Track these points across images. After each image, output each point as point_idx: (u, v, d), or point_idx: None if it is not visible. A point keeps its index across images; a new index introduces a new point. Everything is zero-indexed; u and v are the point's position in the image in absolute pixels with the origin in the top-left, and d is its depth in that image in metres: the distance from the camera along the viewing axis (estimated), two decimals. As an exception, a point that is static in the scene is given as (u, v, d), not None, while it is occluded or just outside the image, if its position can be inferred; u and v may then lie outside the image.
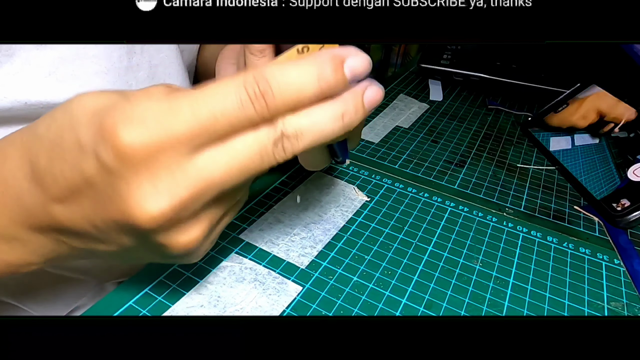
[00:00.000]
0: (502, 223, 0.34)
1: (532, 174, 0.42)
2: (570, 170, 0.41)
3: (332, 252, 0.29)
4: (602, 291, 0.28)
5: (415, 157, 0.42)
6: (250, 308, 0.25)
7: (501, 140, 0.47)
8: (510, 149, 0.46)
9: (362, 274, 0.28)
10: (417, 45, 1.58)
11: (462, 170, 0.41)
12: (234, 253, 0.29)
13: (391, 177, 0.38)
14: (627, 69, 0.45)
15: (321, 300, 0.26)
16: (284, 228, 0.31)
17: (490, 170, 0.41)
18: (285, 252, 0.29)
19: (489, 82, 0.56)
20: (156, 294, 0.25)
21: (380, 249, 0.30)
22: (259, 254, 0.29)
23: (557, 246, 0.32)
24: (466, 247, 0.31)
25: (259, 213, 0.32)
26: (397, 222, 0.33)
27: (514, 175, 0.41)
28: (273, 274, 0.27)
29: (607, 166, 0.39)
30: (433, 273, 0.29)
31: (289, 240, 0.30)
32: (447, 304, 0.26)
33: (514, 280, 0.29)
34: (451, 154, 0.44)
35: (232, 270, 0.27)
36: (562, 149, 0.44)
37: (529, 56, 0.57)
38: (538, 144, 0.46)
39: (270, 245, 0.29)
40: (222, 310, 0.25)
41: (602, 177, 0.38)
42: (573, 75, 0.50)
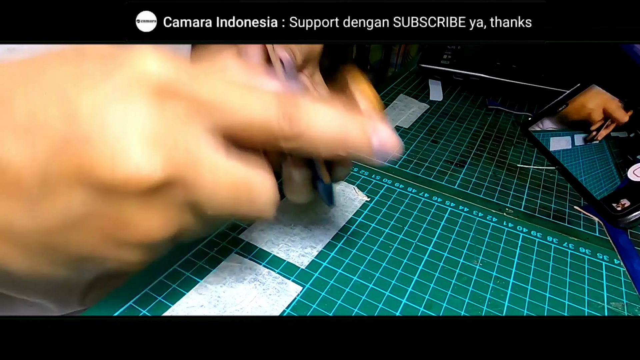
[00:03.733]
0: (502, 223, 0.34)
1: (532, 174, 0.42)
2: (570, 170, 0.41)
3: (332, 252, 0.29)
4: (602, 291, 0.28)
5: (415, 157, 0.42)
6: (250, 308, 0.25)
7: (501, 140, 0.47)
8: (510, 149, 0.46)
9: (362, 274, 0.28)
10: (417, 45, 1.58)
11: (462, 170, 0.41)
12: (234, 253, 0.29)
13: (391, 177, 0.38)
14: (627, 69, 0.45)
15: (321, 300, 0.26)
16: (284, 228, 0.31)
17: (490, 170, 0.41)
18: (285, 252, 0.29)
19: (489, 82, 0.56)
20: (156, 294, 0.25)
21: (380, 249, 0.30)
22: (259, 254, 0.29)
23: (557, 246, 0.32)
24: (466, 247, 0.31)
25: (259, 213, 0.32)
26: (397, 222, 0.33)
27: (514, 175, 0.41)
28: (273, 274, 0.27)
29: (607, 166, 0.39)
30: (433, 273, 0.29)
31: (289, 240, 0.30)
32: (447, 304, 0.26)
33: (514, 280, 0.29)
34: (451, 154, 0.44)
35: (232, 270, 0.27)
36: (562, 149, 0.44)
37: (529, 56, 0.57)
38: (538, 144, 0.46)
39: (270, 245, 0.29)
40: (222, 310, 0.25)
41: (602, 177, 0.38)
42: (573, 75, 0.50)
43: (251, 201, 0.17)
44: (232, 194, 0.16)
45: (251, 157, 0.17)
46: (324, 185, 0.24)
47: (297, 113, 0.17)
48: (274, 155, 0.22)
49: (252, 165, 0.17)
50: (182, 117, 0.15)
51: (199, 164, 0.15)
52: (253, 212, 0.17)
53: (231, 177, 0.16)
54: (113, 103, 0.14)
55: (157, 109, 0.15)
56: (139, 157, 0.14)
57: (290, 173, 0.24)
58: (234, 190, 0.16)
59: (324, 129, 0.18)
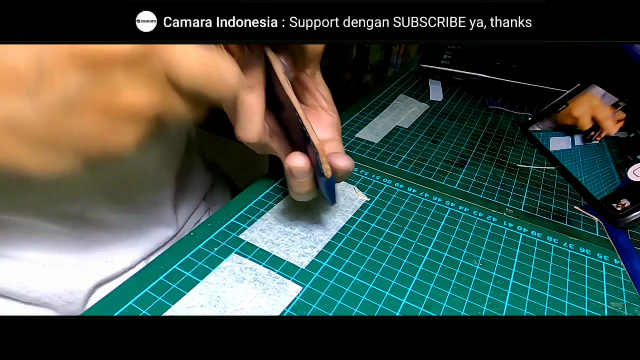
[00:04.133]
0: (502, 223, 0.34)
1: (532, 174, 0.42)
2: (570, 170, 0.41)
3: (332, 252, 0.29)
4: (602, 291, 0.28)
5: (415, 157, 0.42)
6: (250, 308, 0.25)
7: (501, 140, 0.47)
8: (510, 149, 0.46)
9: (362, 274, 0.28)
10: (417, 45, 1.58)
11: (462, 170, 0.41)
12: (234, 253, 0.29)
13: (391, 177, 0.38)
14: (627, 69, 0.45)
15: (321, 300, 0.26)
16: (284, 228, 0.31)
17: (490, 170, 0.41)
18: (285, 252, 0.29)
19: (489, 82, 0.56)
20: (156, 294, 0.25)
21: (380, 249, 0.30)
22: (259, 254, 0.29)
23: (557, 246, 0.32)
24: (466, 247, 0.31)
25: (259, 213, 0.32)
26: (397, 222, 0.33)
27: (514, 175, 0.41)
28: (273, 274, 0.27)
29: (607, 166, 0.39)
30: (433, 273, 0.29)
31: (289, 240, 0.30)
32: (447, 304, 0.26)
33: (514, 280, 0.29)
34: (451, 154, 0.44)
35: (232, 270, 0.27)
36: (562, 149, 0.44)
37: (529, 56, 0.57)
38: (538, 144, 0.46)
39: (270, 245, 0.29)
40: (222, 310, 0.25)
41: (602, 177, 0.38)
42: (573, 75, 0.50)
43: (220, 75, 0.18)
44: (202, 69, 0.18)
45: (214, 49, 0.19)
46: (326, 180, 0.24)
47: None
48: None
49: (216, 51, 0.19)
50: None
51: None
52: (222, 86, 0.19)
53: (200, 53, 0.18)
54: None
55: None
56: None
57: (291, 170, 0.25)
58: (203, 65, 0.18)
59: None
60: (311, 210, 0.33)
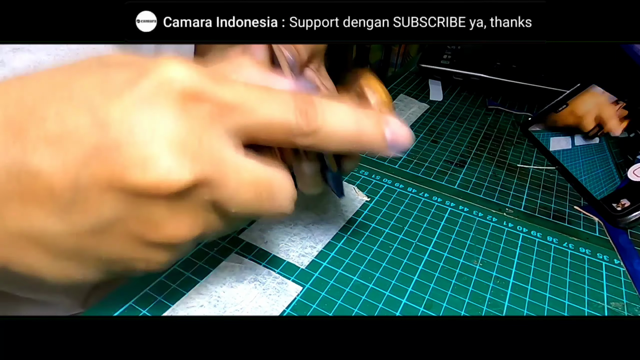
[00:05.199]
0: (502, 223, 0.34)
1: (532, 174, 0.42)
2: (570, 170, 0.41)
3: (332, 252, 0.29)
4: (602, 291, 0.28)
5: (415, 157, 0.42)
6: (250, 308, 0.25)
7: (501, 140, 0.47)
8: (510, 149, 0.46)
9: (362, 274, 0.28)
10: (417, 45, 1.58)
11: (462, 170, 0.41)
12: (234, 253, 0.29)
13: (391, 177, 0.38)
14: (627, 69, 0.45)
15: (321, 300, 0.26)
16: (284, 228, 0.31)
17: (490, 170, 0.41)
18: (285, 252, 0.29)
19: (489, 82, 0.56)
20: (156, 294, 0.25)
21: (380, 249, 0.30)
22: (259, 254, 0.29)
23: (557, 246, 0.32)
24: (466, 247, 0.31)
25: (259, 213, 0.32)
26: (397, 222, 0.33)
27: (514, 175, 0.41)
28: (273, 274, 0.27)
29: (607, 166, 0.39)
30: (433, 273, 0.29)
31: (289, 240, 0.30)
32: (447, 304, 0.26)
33: (514, 280, 0.29)
34: (451, 154, 0.44)
35: (232, 270, 0.27)
36: (562, 149, 0.44)
37: (529, 56, 0.57)
38: (538, 144, 0.46)
39: (270, 245, 0.29)
40: (222, 310, 0.25)
41: (602, 177, 0.38)
42: (573, 75, 0.50)
43: (272, 198, 0.17)
44: (254, 192, 0.17)
45: (268, 156, 0.18)
46: (333, 174, 0.24)
47: (313, 110, 0.17)
48: (289, 152, 0.22)
49: (269, 163, 0.17)
50: (206, 119, 0.16)
51: (223, 164, 0.16)
52: (273, 209, 0.18)
53: (253, 175, 0.17)
54: (141, 110, 0.15)
55: (183, 113, 0.15)
56: (168, 162, 0.15)
57: (300, 165, 0.25)
58: (255, 188, 0.17)
59: (340, 124, 0.18)
60: (311, 210, 0.33)
